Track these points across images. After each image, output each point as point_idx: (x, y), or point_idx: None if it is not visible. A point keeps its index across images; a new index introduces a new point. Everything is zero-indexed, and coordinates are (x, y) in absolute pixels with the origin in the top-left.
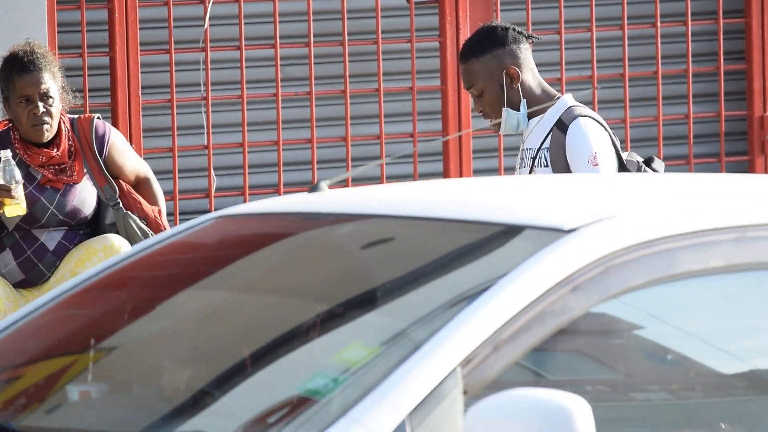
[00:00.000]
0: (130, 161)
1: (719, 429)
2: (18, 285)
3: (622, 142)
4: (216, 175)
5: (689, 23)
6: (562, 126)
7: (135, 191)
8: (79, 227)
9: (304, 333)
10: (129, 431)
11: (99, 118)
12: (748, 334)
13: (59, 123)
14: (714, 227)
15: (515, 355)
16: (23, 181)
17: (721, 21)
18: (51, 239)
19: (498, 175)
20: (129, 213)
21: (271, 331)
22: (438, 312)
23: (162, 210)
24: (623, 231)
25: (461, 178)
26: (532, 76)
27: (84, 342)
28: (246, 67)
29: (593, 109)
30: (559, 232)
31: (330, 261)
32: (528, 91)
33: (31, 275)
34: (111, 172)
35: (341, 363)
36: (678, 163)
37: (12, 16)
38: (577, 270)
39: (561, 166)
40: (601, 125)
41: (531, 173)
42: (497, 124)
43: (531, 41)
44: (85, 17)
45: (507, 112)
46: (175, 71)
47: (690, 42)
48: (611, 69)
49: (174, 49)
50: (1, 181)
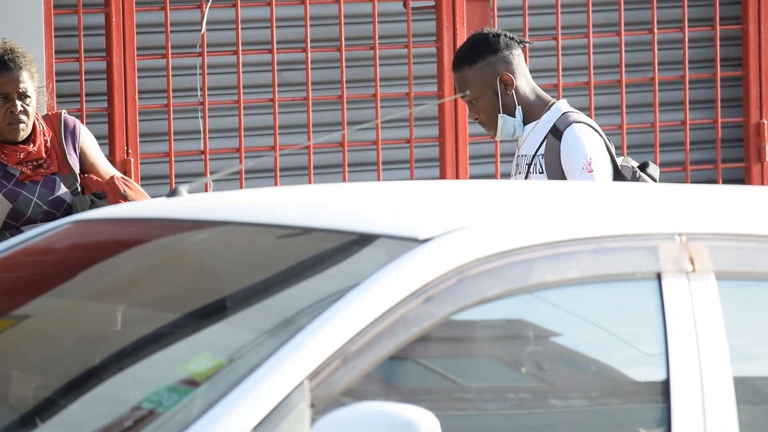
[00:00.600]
0: (102, 159)
1: None
2: None
3: (618, 148)
4: (212, 180)
5: (686, 30)
6: (556, 132)
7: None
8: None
9: (150, 343)
10: None
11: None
12: (605, 344)
13: (34, 121)
14: (571, 238)
15: (365, 367)
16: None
17: (718, 28)
18: None
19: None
20: (86, 196)
21: (118, 341)
22: (287, 323)
23: (118, 176)
24: (479, 241)
25: (329, 183)
26: (525, 81)
27: None
28: (243, 72)
29: (589, 116)
30: (414, 241)
31: (181, 269)
32: (522, 97)
33: None
34: (84, 167)
35: (187, 375)
36: (674, 170)
37: (9, 20)
38: (432, 280)
39: (556, 172)
40: (596, 131)
41: (527, 179)
42: (492, 130)
43: (523, 46)
44: (82, 21)
45: (503, 118)
46: (172, 76)
47: (687, 48)
48: (608, 75)
49: (171, 54)
50: None
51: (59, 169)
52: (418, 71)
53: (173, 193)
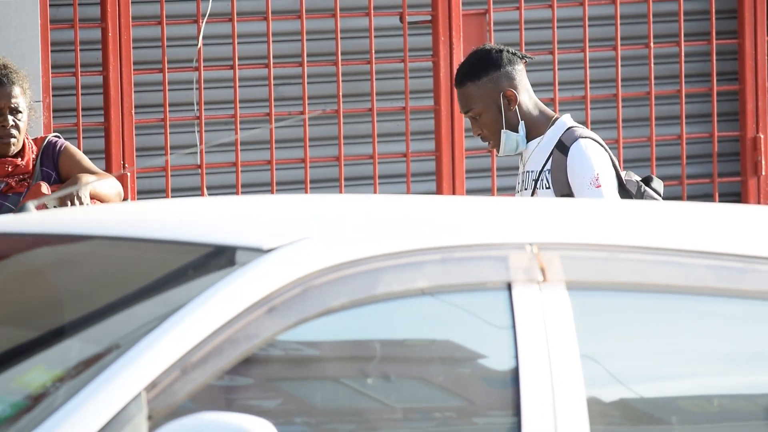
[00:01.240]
0: (85, 163)
1: None
2: None
3: None
4: (209, 195)
5: (682, 44)
6: (563, 148)
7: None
8: None
9: None
10: None
11: (58, 137)
12: (454, 354)
13: (23, 139)
14: (419, 248)
15: (205, 379)
16: None
17: (714, 42)
18: None
19: (491, 196)
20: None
21: None
22: (128, 335)
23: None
24: (324, 250)
25: (188, 198)
26: (528, 97)
27: None
28: (239, 87)
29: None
30: (257, 251)
31: (27, 283)
32: (525, 112)
33: None
34: (63, 173)
35: (22, 387)
36: (670, 184)
37: (5, 34)
38: (275, 290)
39: (562, 187)
40: (602, 146)
41: (533, 195)
42: (496, 146)
43: (525, 61)
44: (79, 36)
45: (506, 134)
46: (169, 91)
47: (683, 63)
48: (604, 89)
49: (167, 69)
50: None
51: (27, 187)
52: (414, 85)
53: (22, 209)
